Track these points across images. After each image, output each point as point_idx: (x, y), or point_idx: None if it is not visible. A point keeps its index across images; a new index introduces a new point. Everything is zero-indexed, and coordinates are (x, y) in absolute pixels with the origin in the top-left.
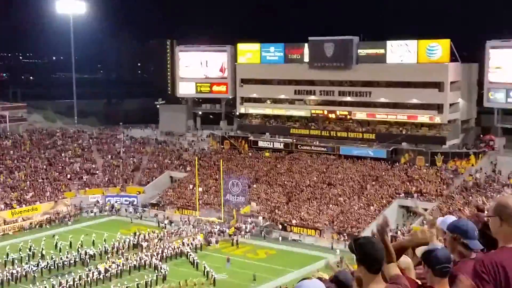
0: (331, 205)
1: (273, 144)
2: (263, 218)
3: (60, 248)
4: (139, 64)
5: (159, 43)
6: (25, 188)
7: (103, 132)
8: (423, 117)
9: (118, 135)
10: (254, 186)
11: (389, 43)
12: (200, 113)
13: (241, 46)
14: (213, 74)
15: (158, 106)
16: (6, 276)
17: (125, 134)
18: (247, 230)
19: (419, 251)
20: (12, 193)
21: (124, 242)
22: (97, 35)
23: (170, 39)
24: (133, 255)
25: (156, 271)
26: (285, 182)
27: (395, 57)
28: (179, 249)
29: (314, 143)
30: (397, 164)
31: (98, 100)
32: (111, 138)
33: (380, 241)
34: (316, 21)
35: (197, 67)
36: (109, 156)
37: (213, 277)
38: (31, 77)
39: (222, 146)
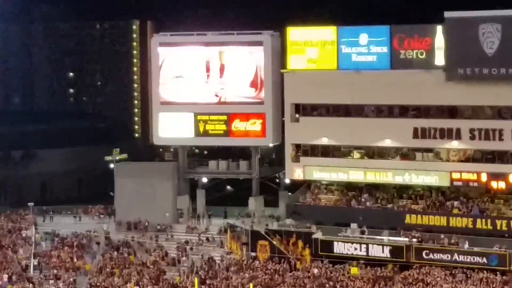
0: None
1: (367, 248)
2: None
3: None
4: (71, 75)
5: (115, 28)
6: None
7: None
8: None
9: (25, 229)
10: None
11: None
12: (204, 180)
13: (294, 33)
14: (235, 93)
15: (111, 165)
16: None
17: (40, 229)
18: None
19: None
20: None
21: None
22: None
23: (139, 19)
24: None
25: None
26: None
27: None
28: None
29: (460, 246)
30: None
31: None
32: (10, 237)
33: None
34: None
35: (198, 78)
36: (5, 277)
37: None
38: None
39: (254, 254)
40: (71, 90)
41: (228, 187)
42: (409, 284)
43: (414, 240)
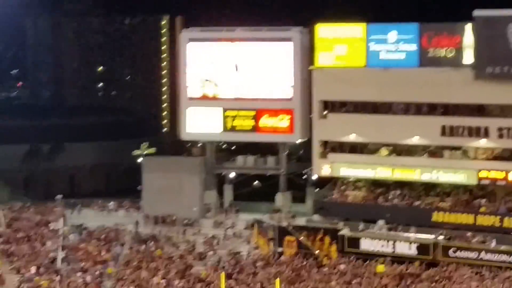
0: None
1: (393, 246)
2: None
3: None
4: (100, 69)
5: (144, 23)
6: None
7: (20, 215)
8: None
9: (53, 223)
10: None
11: None
12: (232, 176)
13: (323, 30)
14: (263, 89)
15: (140, 160)
16: None
17: (68, 222)
18: None
19: None
20: None
21: None
22: (10, 11)
23: (169, 14)
24: None
25: None
26: None
27: None
28: None
29: (487, 244)
30: None
31: (12, 145)
32: (38, 229)
33: None
34: None
35: (226, 73)
36: (33, 269)
37: None
38: None
39: (280, 250)
40: (100, 85)
41: (256, 182)
42: (435, 282)
43: (443, 236)
